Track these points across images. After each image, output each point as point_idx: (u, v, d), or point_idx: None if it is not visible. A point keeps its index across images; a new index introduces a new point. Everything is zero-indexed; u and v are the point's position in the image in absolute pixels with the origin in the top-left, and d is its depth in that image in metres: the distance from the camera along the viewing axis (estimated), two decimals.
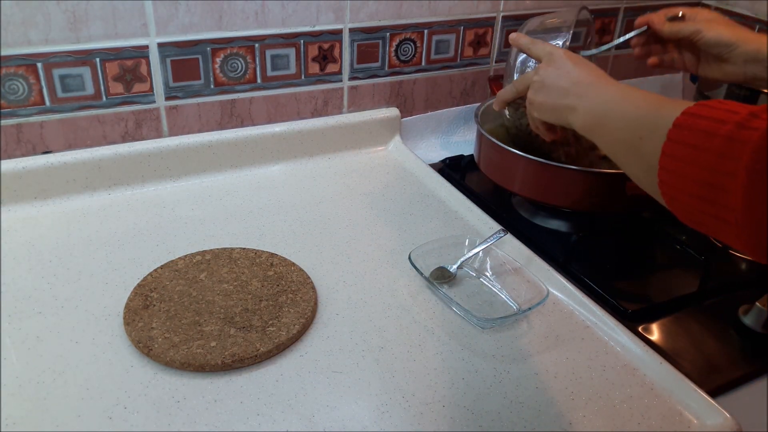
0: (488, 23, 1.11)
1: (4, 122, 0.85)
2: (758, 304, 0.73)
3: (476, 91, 1.17)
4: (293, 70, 1.00)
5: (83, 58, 0.86)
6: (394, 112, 1.09)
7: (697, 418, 0.61)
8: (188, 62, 0.92)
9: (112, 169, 0.90)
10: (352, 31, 1.01)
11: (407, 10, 1.03)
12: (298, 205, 0.92)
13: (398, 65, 1.08)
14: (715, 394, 0.64)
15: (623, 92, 0.60)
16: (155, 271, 0.74)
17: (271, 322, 0.67)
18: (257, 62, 0.96)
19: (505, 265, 0.79)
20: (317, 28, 0.98)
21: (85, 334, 0.67)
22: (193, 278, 0.74)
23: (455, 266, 0.78)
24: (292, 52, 0.98)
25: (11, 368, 0.62)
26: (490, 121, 0.99)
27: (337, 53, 1.01)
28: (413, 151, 1.08)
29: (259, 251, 0.79)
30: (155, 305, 0.69)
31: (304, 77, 1.01)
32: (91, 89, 0.88)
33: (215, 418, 0.58)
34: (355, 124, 1.05)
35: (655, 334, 0.73)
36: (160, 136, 0.95)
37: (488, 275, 0.79)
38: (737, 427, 0.60)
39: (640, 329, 0.73)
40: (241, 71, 0.96)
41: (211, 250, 0.79)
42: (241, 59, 0.95)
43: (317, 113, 1.05)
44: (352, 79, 1.05)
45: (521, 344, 0.69)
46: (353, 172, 1.02)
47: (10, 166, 0.85)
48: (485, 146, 0.93)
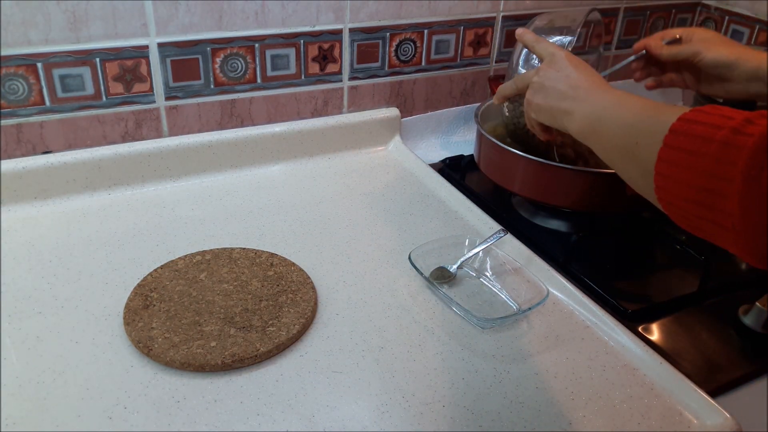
0: (488, 23, 1.11)
1: (4, 122, 0.85)
2: (758, 304, 0.73)
3: (476, 91, 1.17)
4: (293, 70, 1.00)
5: (83, 58, 0.86)
6: (394, 112, 1.09)
7: (697, 418, 0.61)
8: (188, 62, 0.92)
9: (112, 169, 0.90)
10: (352, 31, 1.01)
11: (407, 10, 1.03)
12: (298, 205, 0.92)
13: (398, 65, 1.08)
14: (715, 394, 0.64)
15: (620, 98, 0.60)
16: (155, 271, 0.74)
17: (271, 322, 0.67)
18: (257, 62, 0.96)
19: (505, 265, 0.79)
20: (317, 28, 0.98)
21: (85, 334, 0.67)
22: (193, 278, 0.74)
23: (455, 266, 0.78)
24: (292, 52, 0.98)
25: (11, 368, 0.62)
26: (490, 121, 0.99)
27: (337, 53, 1.01)
28: (413, 151, 1.08)
29: (259, 251, 0.79)
30: (155, 305, 0.69)
31: (304, 77, 1.01)
32: (91, 89, 0.88)
33: (215, 418, 0.58)
34: (355, 124, 1.05)
35: (655, 334, 0.73)
36: (160, 136, 0.95)
37: (488, 275, 0.79)
38: (737, 427, 0.60)
39: (640, 329, 0.73)
40: (241, 71, 0.96)
41: (211, 250, 0.79)
42: (241, 59, 0.95)
43: (317, 113, 1.05)
44: (352, 79, 1.05)
45: (521, 344, 0.69)
46: (353, 172, 1.02)
47: (10, 166, 0.85)
48: (485, 146, 0.93)
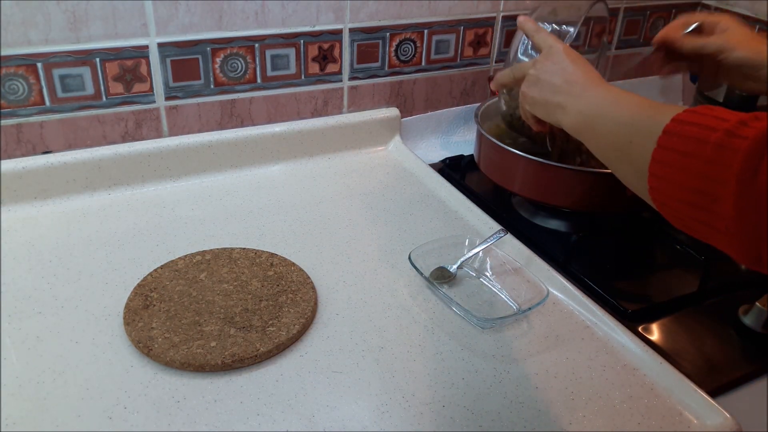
0: (488, 23, 1.11)
1: (4, 122, 0.85)
2: (758, 304, 0.73)
3: (476, 91, 1.17)
4: (293, 70, 1.00)
5: (83, 58, 0.86)
6: (394, 112, 1.09)
7: (697, 418, 0.61)
8: (188, 62, 0.92)
9: (112, 169, 0.90)
10: (352, 31, 1.01)
11: (407, 10, 1.03)
12: (298, 205, 0.92)
13: (398, 65, 1.08)
14: (715, 394, 0.64)
15: (615, 96, 0.59)
16: (155, 271, 0.74)
17: (271, 322, 0.67)
18: (257, 62, 0.96)
19: (505, 265, 0.79)
20: (317, 28, 0.98)
21: (85, 334, 0.67)
22: (193, 278, 0.74)
23: (455, 266, 0.78)
24: (292, 52, 0.98)
25: (11, 368, 0.62)
26: (490, 121, 0.99)
27: (337, 53, 1.01)
28: (413, 151, 1.08)
29: (259, 251, 0.79)
30: (155, 305, 0.69)
31: (304, 77, 1.01)
32: (91, 89, 0.88)
33: (215, 418, 0.58)
34: (355, 124, 1.05)
35: (655, 334, 0.73)
36: (160, 136, 0.95)
37: (488, 275, 0.79)
38: (737, 427, 0.60)
39: (640, 329, 0.73)
40: (241, 71, 0.96)
41: (211, 250, 0.79)
42: (241, 59, 0.95)
43: (317, 113, 1.05)
44: (352, 79, 1.05)
45: (521, 344, 0.69)
46: (353, 172, 1.02)
47: (10, 166, 0.85)
48: (485, 146, 0.93)
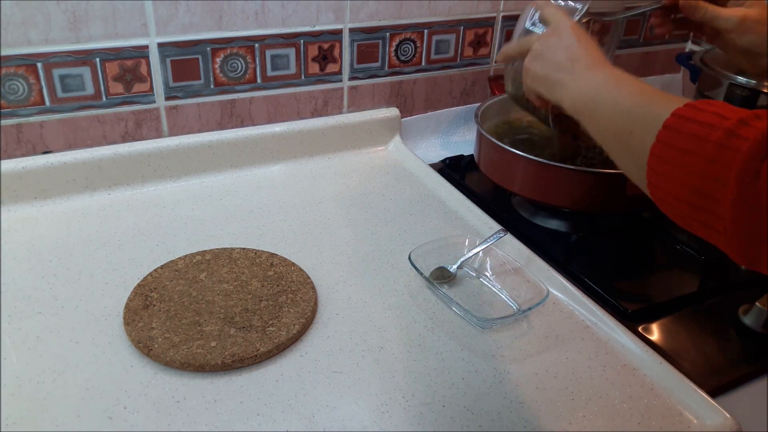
0: (488, 23, 1.11)
1: (4, 122, 0.85)
2: (758, 304, 0.73)
3: (476, 91, 1.17)
4: (293, 70, 1.00)
5: (83, 58, 0.86)
6: (394, 112, 1.09)
7: (697, 418, 0.61)
8: (188, 62, 0.92)
9: (112, 169, 0.90)
10: (352, 31, 1.01)
11: (407, 10, 1.03)
12: (298, 205, 0.92)
13: (398, 65, 1.08)
14: (715, 394, 0.64)
15: (617, 79, 0.58)
16: (155, 271, 0.74)
17: (271, 322, 0.67)
18: (257, 62, 0.96)
19: (505, 265, 0.79)
20: (317, 28, 0.98)
21: (85, 334, 0.67)
22: (193, 278, 0.74)
23: (455, 266, 0.78)
24: (292, 52, 0.98)
25: (11, 368, 0.62)
26: (489, 121, 0.99)
27: (337, 53, 1.01)
28: (413, 151, 1.08)
29: (259, 251, 0.79)
30: (155, 305, 0.69)
31: (304, 77, 1.01)
32: (91, 89, 0.88)
33: (215, 418, 0.58)
34: (355, 124, 1.05)
35: (655, 334, 0.73)
36: (160, 136, 0.95)
37: (488, 275, 0.78)
38: (737, 427, 0.60)
39: (640, 329, 0.73)
40: (241, 71, 0.96)
41: (211, 250, 0.79)
42: (241, 59, 0.95)
43: (317, 113, 1.05)
44: (352, 79, 1.05)
45: (521, 344, 0.69)
46: (353, 172, 1.02)
47: (10, 166, 0.85)
48: (485, 146, 0.93)
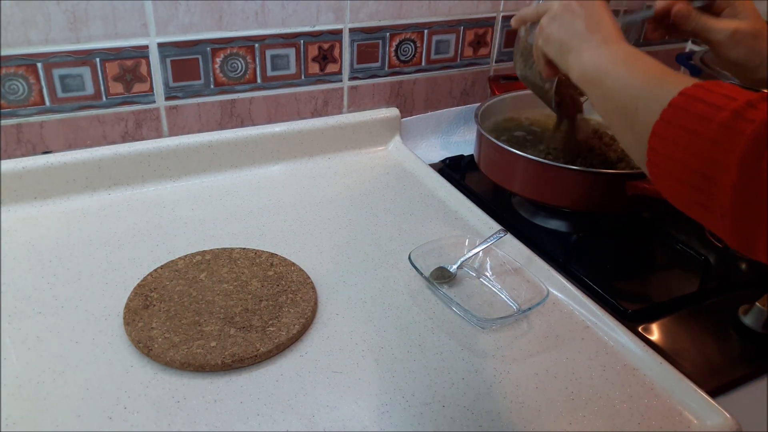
0: (488, 23, 1.11)
1: (4, 122, 0.85)
2: (758, 304, 0.73)
3: (476, 91, 1.17)
4: (293, 70, 1.00)
5: (83, 58, 0.86)
6: (394, 112, 1.09)
7: (697, 418, 0.61)
8: (188, 62, 0.92)
9: (112, 169, 0.90)
10: (352, 31, 1.01)
11: (407, 10, 1.03)
12: (298, 205, 0.92)
13: (398, 65, 1.08)
14: (715, 394, 0.64)
15: (634, 56, 0.57)
16: (155, 271, 0.74)
17: (271, 322, 0.67)
18: (257, 62, 0.96)
19: (505, 265, 0.79)
20: (317, 28, 0.98)
21: (85, 334, 0.67)
22: (193, 278, 0.74)
23: (455, 266, 0.78)
24: (292, 52, 0.98)
25: (11, 368, 0.62)
26: (489, 120, 0.99)
27: (337, 53, 1.01)
28: (413, 151, 1.08)
29: (259, 251, 0.79)
30: (155, 305, 0.69)
31: (304, 77, 1.01)
32: (91, 89, 0.88)
33: (215, 418, 0.58)
34: (355, 124, 1.05)
35: (655, 334, 0.73)
36: (160, 136, 0.95)
37: (488, 275, 0.78)
38: (737, 427, 0.60)
39: (640, 329, 0.73)
40: (241, 71, 0.96)
41: (211, 250, 0.79)
42: (241, 59, 0.95)
43: (317, 113, 1.05)
44: (352, 79, 1.05)
45: (521, 344, 0.69)
46: (353, 172, 1.02)
47: (10, 166, 0.85)
48: (485, 146, 0.93)
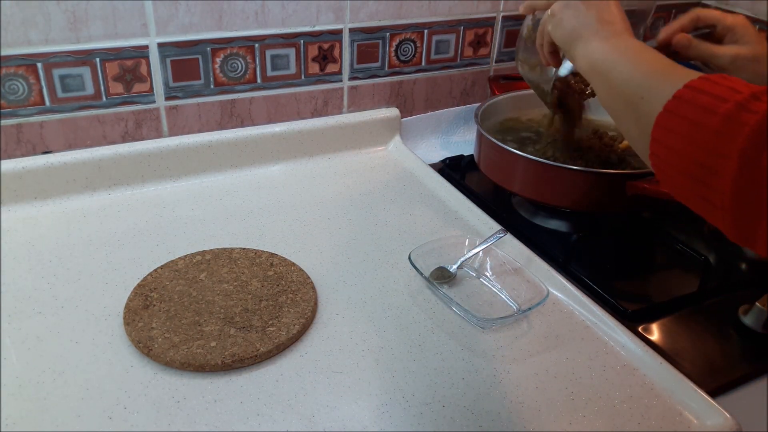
0: (488, 23, 1.11)
1: (4, 122, 0.85)
2: (758, 304, 0.73)
3: (476, 91, 1.17)
4: (293, 70, 1.00)
5: (83, 58, 0.86)
6: (394, 112, 1.09)
7: (697, 418, 0.61)
8: (188, 62, 0.92)
9: (112, 169, 0.90)
10: (352, 31, 1.01)
11: (407, 10, 1.03)
12: (298, 205, 0.92)
13: (398, 65, 1.08)
14: (715, 394, 0.64)
15: (642, 50, 0.57)
16: (155, 271, 0.74)
17: (271, 322, 0.67)
18: (257, 62, 0.96)
19: (505, 265, 0.79)
20: (317, 28, 0.98)
21: (85, 334, 0.67)
22: (193, 278, 0.74)
23: (455, 266, 0.78)
24: (292, 52, 0.98)
25: (11, 368, 0.62)
26: (489, 121, 0.99)
27: (337, 53, 1.01)
28: (413, 151, 1.08)
29: (259, 251, 0.79)
30: (155, 305, 0.69)
31: (304, 77, 1.01)
32: (91, 89, 0.88)
33: (215, 418, 0.58)
34: (355, 124, 1.05)
35: (655, 334, 0.73)
36: (160, 136, 0.95)
37: (488, 275, 0.78)
38: (737, 427, 0.60)
39: (640, 329, 0.73)
40: (241, 71, 0.96)
41: (211, 250, 0.79)
42: (241, 59, 0.95)
43: (317, 113, 1.05)
44: (352, 79, 1.05)
45: (521, 344, 0.69)
46: (353, 172, 1.02)
47: (10, 166, 0.85)
48: (485, 146, 0.93)
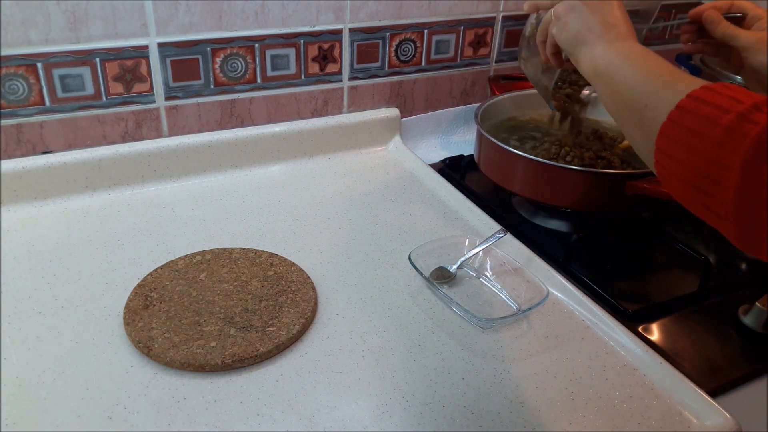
0: (488, 23, 1.11)
1: (4, 122, 0.85)
2: (758, 304, 0.73)
3: (476, 91, 1.17)
4: (293, 70, 1.00)
5: (83, 58, 0.86)
6: (394, 112, 1.09)
7: (697, 418, 0.61)
8: (188, 62, 0.92)
9: (112, 169, 0.90)
10: (352, 31, 1.01)
11: (407, 10, 1.03)
12: (298, 205, 0.92)
13: (398, 65, 1.08)
14: (715, 394, 0.64)
15: (646, 55, 0.58)
16: (155, 271, 0.74)
17: (271, 322, 0.67)
18: (257, 62, 0.96)
19: (505, 265, 0.79)
20: (317, 28, 0.98)
21: (85, 334, 0.67)
22: (193, 278, 0.74)
23: (455, 266, 0.78)
24: (292, 52, 0.98)
25: (11, 368, 0.62)
26: (489, 121, 0.99)
27: (337, 53, 1.01)
28: (413, 151, 1.08)
29: (259, 251, 0.79)
30: (155, 305, 0.69)
31: (304, 77, 1.01)
32: (91, 89, 0.88)
33: (215, 418, 0.58)
34: (355, 124, 1.05)
35: (655, 334, 0.73)
36: (160, 136, 0.95)
37: (488, 275, 0.78)
38: (737, 427, 0.60)
39: (640, 329, 0.73)
40: (241, 71, 0.96)
41: (211, 250, 0.79)
42: (241, 59, 0.95)
43: (317, 113, 1.05)
44: (352, 79, 1.05)
45: (521, 344, 0.69)
46: (353, 172, 1.02)
47: (10, 166, 0.85)
48: (485, 146, 0.93)
